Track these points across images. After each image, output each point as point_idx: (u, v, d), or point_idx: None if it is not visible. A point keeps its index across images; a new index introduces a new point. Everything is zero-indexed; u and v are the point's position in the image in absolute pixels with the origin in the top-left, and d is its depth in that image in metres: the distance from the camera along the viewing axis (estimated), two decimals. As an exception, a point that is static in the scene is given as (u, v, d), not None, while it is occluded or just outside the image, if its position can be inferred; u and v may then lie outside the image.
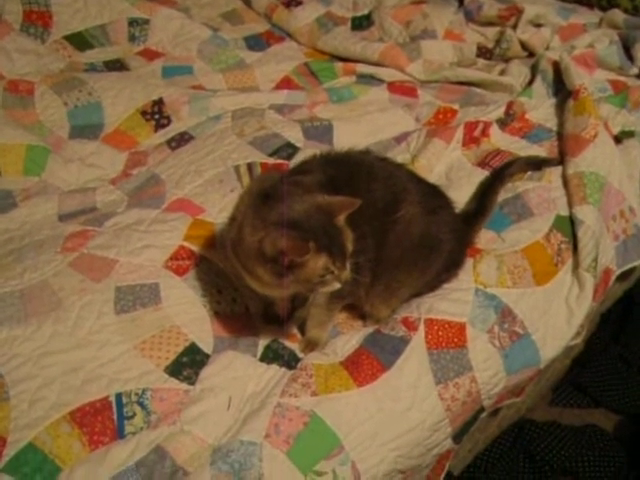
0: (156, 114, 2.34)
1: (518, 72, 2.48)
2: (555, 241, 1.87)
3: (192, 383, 1.55)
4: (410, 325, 1.69)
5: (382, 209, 1.61)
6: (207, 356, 1.61)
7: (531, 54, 2.61)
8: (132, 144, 2.28)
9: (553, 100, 2.32)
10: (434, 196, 1.74)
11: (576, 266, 1.86)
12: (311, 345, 1.69)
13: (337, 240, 1.38)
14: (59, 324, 1.60)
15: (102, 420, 1.46)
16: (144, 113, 2.34)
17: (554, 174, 2.03)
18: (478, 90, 2.47)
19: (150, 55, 2.64)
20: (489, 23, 2.69)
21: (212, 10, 2.92)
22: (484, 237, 1.89)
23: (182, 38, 2.69)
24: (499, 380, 1.70)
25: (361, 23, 2.84)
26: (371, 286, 1.66)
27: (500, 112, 2.25)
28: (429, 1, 2.84)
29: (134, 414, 1.48)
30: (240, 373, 1.58)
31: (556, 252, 1.86)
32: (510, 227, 1.91)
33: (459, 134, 2.16)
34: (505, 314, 1.74)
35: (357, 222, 1.52)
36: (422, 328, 1.67)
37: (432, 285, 1.76)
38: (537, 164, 2.06)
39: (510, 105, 2.27)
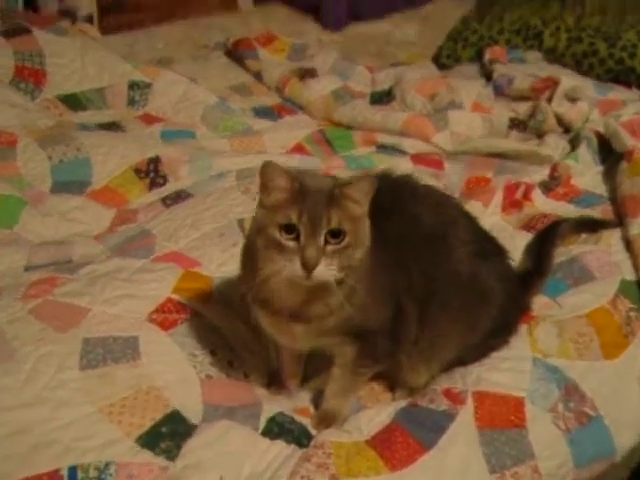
0: (151, 172, 2.08)
1: (555, 145, 2.22)
2: (623, 308, 1.54)
3: (172, 458, 1.19)
4: (455, 398, 1.34)
5: (429, 238, 1.32)
6: (193, 427, 1.25)
7: (567, 130, 2.36)
8: (122, 202, 2.00)
9: (600, 168, 2.06)
10: (487, 239, 1.45)
11: (650, 338, 1.52)
12: (328, 419, 1.33)
13: (320, 207, 1.08)
14: (8, 377, 1.26)
15: (48, 499, 1.08)
16: (138, 171, 2.07)
17: (613, 237, 1.73)
18: (512, 163, 2.21)
19: (149, 119, 2.41)
20: (521, 98, 2.47)
21: (219, 82, 2.72)
22: (537, 303, 1.57)
23: (186, 103, 2.46)
24: (566, 473, 1.33)
25: (381, 98, 2.62)
26: (412, 343, 1.32)
27: (543, 175, 1.98)
28: (454, 76, 2.64)
29: (91, 494, 1.10)
30: (235, 448, 1.22)
31: (625, 321, 1.53)
32: (568, 292, 1.59)
33: (498, 197, 1.89)
34: (570, 390, 1.39)
35: (401, 251, 1.26)
36: (470, 402, 1.33)
37: (478, 352, 1.43)
38: (591, 226, 1.77)
39: (554, 168, 2.00)
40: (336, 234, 1.08)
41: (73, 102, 2.38)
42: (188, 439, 1.21)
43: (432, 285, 1.31)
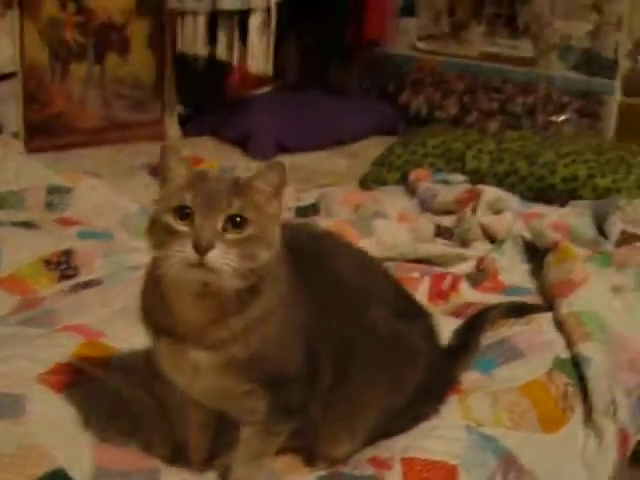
0: (62, 264, 1.95)
1: (483, 249, 2.21)
2: (559, 382, 1.46)
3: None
4: (381, 464, 1.20)
5: (348, 292, 1.23)
6: (80, 488, 1.07)
7: (492, 241, 2.35)
8: (28, 291, 1.86)
9: (527, 266, 2.04)
10: (409, 300, 1.37)
11: (589, 413, 1.43)
12: (237, 492, 1.16)
13: (220, 191, 1.00)
14: None
15: None
16: (48, 262, 1.94)
17: (544, 319, 1.67)
18: (438, 268, 2.17)
19: (67, 222, 2.31)
20: (445, 212, 2.48)
21: (142, 196, 2.58)
22: (468, 378, 1.47)
23: (105, 208, 2.39)
24: None
25: (305, 212, 2.60)
26: (330, 402, 1.20)
27: (470, 266, 1.94)
28: (379, 190, 2.67)
29: None
30: (128, 511, 1.04)
31: (562, 395, 1.44)
32: (500, 367, 1.50)
33: (424, 286, 1.83)
34: (508, 461, 1.26)
35: (319, 299, 1.16)
36: (399, 467, 1.19)
37: (406, 420, 1.30)
38: (521, 310, 1.71)
39: (480, 261, 1.97)
40: (238, 224, 0.99)
41: (-13, 201, 2.29)
42: (70, 501, 1.04)
43: (350, 340, 1.21)
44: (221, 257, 0.96)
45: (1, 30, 2.99)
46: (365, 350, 1.21)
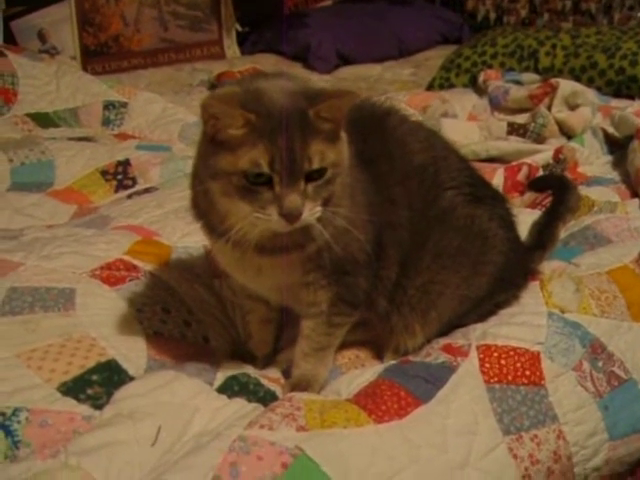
0: (119, 174, 1.90)
1: (559, 144, 2.05)
2: (651, 268, 1.32)
3: (99, 406, 0.95)
4: (455, 351, 1.10)
5: (419, 173, 1.12)
6: (131, 379, 1.01)
7: (569, 138, 2.18)
8: (84, 201, 1.81)
9: (609, 157, 1.88)
10: (483, 183, 1.25)
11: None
12: (302, 387, 1.08)
13: (295, 139, 0.87)
14: None
15: None
16: (105, 173, 1.89)
17: (630, 206, 1.54)
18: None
19: (124, 137, 2.25)
20: (518, 110, 2.31)
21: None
22: (548, 267, 1.34)
23: (163, 121, 2.31)
24: (600, 444, 1.08)
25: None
26: (399, 290, 1.10)
27: (547, 156, 1.79)
28: (447, 92, 2.51)
29: (-11, 440, 0.86)
30: (182, 400, 0.98)
31: (654, 282, 1.30)
32: (584, 254, 1.38)
33: (498, 178, 1.70)
34: (596, 349, 1.15)
35: (386, 182, 1.07)
36: (474, 354, 1.09)
37: (483, 309, 1.19)
38: None
39: (559, 150, 1.82)
40: (318, 173, 0.90)
41: (44, 120, 2.24)
42: (122, 387, 0.98)
43: (422, 225, 1.11)
44: (309, 215, 0.89)
45: (50, -51, 2.91)
46: (440, 237, 1.11)
